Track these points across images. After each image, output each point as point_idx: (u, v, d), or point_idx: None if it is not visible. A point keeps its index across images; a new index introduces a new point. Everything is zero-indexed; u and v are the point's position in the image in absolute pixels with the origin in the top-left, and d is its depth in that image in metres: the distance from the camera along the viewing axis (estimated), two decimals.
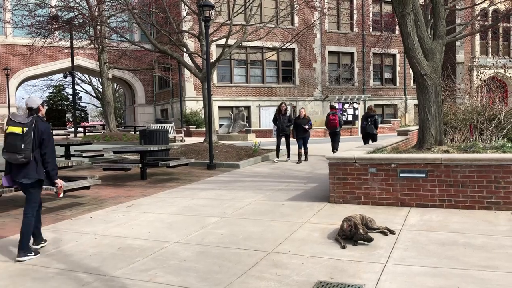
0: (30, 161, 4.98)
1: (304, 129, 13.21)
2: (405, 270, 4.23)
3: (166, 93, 33.88)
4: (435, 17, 8.99)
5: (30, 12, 19.61)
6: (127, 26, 24.92)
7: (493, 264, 4.30)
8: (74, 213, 7.23)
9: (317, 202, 7.29)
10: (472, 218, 5.92)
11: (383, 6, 34.43)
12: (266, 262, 4.61)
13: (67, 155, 12.82)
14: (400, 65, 35.37)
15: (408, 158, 6.80)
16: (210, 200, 7.99)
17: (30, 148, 4.93)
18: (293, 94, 31.34)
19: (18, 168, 5.02)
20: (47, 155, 5.08)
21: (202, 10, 12.97)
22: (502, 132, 9.95)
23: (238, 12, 17.72)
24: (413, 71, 8.51)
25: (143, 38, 28.17)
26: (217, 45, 23.49)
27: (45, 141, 5.05)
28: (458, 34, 18.60)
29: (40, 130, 5.02)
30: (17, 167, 5.03)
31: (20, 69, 31.70)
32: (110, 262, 4.77)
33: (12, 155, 4.92)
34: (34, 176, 5.03)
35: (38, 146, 5.02)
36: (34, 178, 5.03)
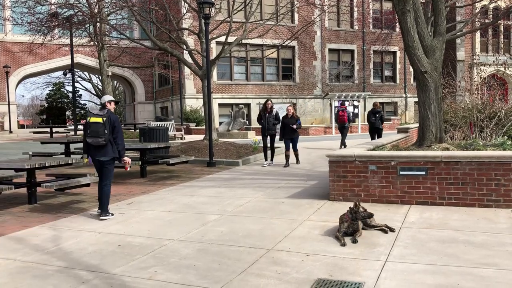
0: (107, 143, 6.56)
1: (292, 129, 11.86)
2: (405, 268, 4.23)
3: (166, 90, 33.85)
4: (435, 14, 8.97)
5: (30, 10, 19.55)
6: (127, 24, 24.88)
7: (493, 261, 4.30)
8: (74, 211, 7.23)
9: (317, 199, 7.29)
10: (472, 216, 5.92)
11: (384, 3, 34.37)
12: (265, 260, 4.60)
13: (67, 152, 12.80)
14: (400, 62, 35.33)
15: (408, 156, 6.80)
16: (210, 197, 7.98)
17: (108, 133, 6.51)
18: (293, 92, 31.32)
19: (98, 149, 6.59)
20: (118, 138, 6.69)
21: (202, 8, 12.94)
22: (502, 129, 9.94)
23: (238, 10, 17.68)
24: (413, 69, 8.50)
25: (143, 35, 28.12)
26: (217, 42, 23.47)
27: (116, 128, 6.66)
28: (458, 32, 18.55)
29: (112, 120, 6.60)
30: (97, 148, 6.60)
31: (19, 66, 31.66)
32: (109, 260, 4.77)
33: (95, 139, 6.53)
34: (110, 155, 6.65)
35: (111, 132, 6.57)
36: (110, 156, 6.65)
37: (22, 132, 33.10)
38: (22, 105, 74.12)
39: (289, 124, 11.90)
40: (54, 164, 7.95)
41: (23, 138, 26.05)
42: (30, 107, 78.21)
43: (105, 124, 6.51)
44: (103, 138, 6.50)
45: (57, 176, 8.47)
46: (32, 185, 7.76)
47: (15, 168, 7.77)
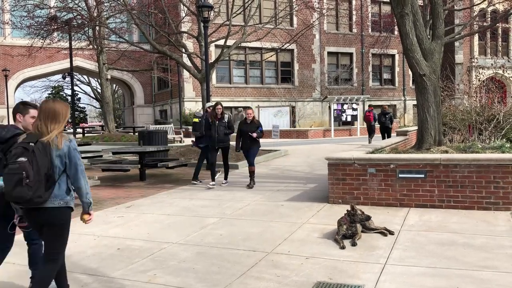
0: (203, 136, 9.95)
1: (251, 138, 9.34)
2: (404, 271, 4.23)
3: (165, 94, 33.86)
4: (434, 17, 9.00)
5: (29, 13, 19.58)
6: (126, 27, 24.92)
7: (492, 264, 4.30)
8: (73, 214, 7.21)
9: (316, 202, 7.29)
10: (471, 219, 5.92)
11: (382, 6, 34.45)
12: (265, 263, 4.60)
13: None
14: (399, 65, 35.39)
15: (407, 159, 6.80)
16: (209, 200, 7.98)
17: (203, 129, 9.84)
18: (292, 95, 31.35)
19: (199, 139, 10.35)
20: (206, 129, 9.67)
21: (201, 11, 12.97)
22: (501, 132, 9.95)
23: (237, 13, 17.73)
24: (412, 72, 8.52)
25: (142, 39, 28.15)
26: (216, 45, 23.48)
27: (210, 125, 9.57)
28: (457, 35, 18.62)
29: (206, 119, 9.69)
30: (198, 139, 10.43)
31: (18, 70, 31.67)
32: (109, 263, 4.76)
33: (197, 132, 10.46)
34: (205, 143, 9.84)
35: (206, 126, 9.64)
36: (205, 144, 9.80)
37: None
38: None
39: (247, 131, 9.35)
40: None
41: None
42: None
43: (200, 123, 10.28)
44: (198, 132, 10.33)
45: None
46: None
47: None
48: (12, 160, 3.21)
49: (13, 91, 32.53)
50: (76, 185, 3.45)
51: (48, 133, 3.31)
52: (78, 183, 3.44)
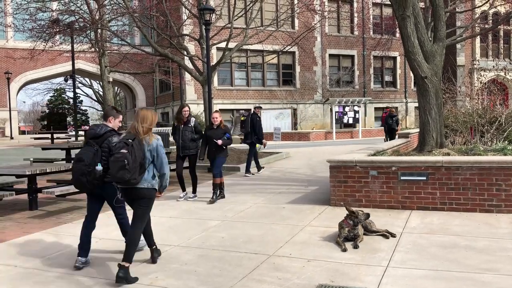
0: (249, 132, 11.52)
1: (217, 146, 8.13)
2: (406, 273, 4.23)
3: (166, 96, 33.90)
4: (435, 20, 9.00)
5: (31, 16, 19.62)
6: (128, 30, 24.96)
7: (495, 267, 4.29)
8: (75, 217, 7.23)
9: (318, 205, 7.29)
10: (473, 221, 5.91)
11: (384, 9, 34.47)
12: (267, 266, 4.60)
13: (68, 158, 12.80)
14: (400, 68, 35.38)
15: (409, 161, 6.80)
16: (211, 203, 7.97)
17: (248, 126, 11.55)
18: (294, 97, 31.36)
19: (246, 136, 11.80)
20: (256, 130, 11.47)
21: (202, 14, 13.00)
22: (503, 134, 9.93)
23: (239, 16, 17.74)
24: (413, 74, 8.52)
25: (143, 41, 28.18)
26: (217, 48, 23.52)
27: (256, 124, 11.50)
28: (458, 37, 18.61)
29: (252, 118, 11.60)
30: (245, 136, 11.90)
31: (21, 72, 31.75)
32: (111, 266, 4.76)
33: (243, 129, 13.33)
34: (252, 139, 11.52)
35: (251, 126, 11.48)
36: (252, 140, 11.52)
37: (23, 138, 33.16)
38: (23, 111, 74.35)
39: (212, 138, 8.17)
40: (55, 170, 7.96)
41: (24, 144, 26.09)
42: (31, 113, 78.40)
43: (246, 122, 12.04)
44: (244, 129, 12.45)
45: (58, 182, 8.48)
46: (33, 191, 7.77)
47: (16, 174, 7.78)
48: (116, 151, 4.37)
49: (15, 94, 32.61)
50: (161, 172, 4.60)
51: (142, 133, 4.47)
52: (163, 171, 4.60)
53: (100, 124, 4.93)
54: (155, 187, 4.59)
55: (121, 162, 4.26)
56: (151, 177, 4.53)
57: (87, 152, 4.71)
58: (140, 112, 4.60)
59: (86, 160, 4.61)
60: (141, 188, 4.46)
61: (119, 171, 4.27)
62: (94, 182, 4.66)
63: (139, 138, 4.44)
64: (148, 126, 4.51)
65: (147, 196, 4.52)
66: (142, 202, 4.52)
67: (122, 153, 4.30)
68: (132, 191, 4.49)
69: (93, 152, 4.67)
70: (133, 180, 4.34)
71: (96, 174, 4.63)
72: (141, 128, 4.48)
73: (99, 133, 4.80)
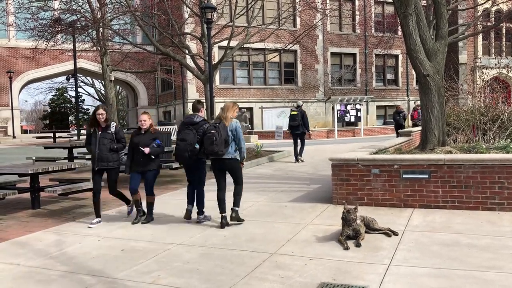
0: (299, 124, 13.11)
1: (145, 156, 6.64)
2: (408, 271, 4.22)
3: (168, 95, 33.92)
4: (437, 17, 8.97)
5: (33, 15, 19.64)
6: (130, 29, 24.95)
7: (497, 264, 4.29)
8: (77, 216, 7.24)
9: (320, 203, 7.28)
10: (475, 219, 5.90)
11: (385, 7, 34.39)
12: (269, 264, 4.60)
13: (70, 157, 12.84)
14: (402, 66, 35.31)
15: (411, 159, 6.79)
16: (213, 201, 7.96)
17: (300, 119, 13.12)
18: (296, 96, 31.31)
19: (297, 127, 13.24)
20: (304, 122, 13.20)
21: (204, 12, 13.00)
22: (506, 132, 9.91)
23: (240, 14, 17.73)
24: (415, 72, 8.50)
25: (145, 40, 28.20)
26: (219, 47, 23.50)
27: (304, 117, 13.25)
28: (460, 35, 18.57)
29: (301, 113, 13.19)
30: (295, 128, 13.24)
31: (23, 72, 31.80)
32: (113, 264, 4.77)
33: (294, 122, 13.15)
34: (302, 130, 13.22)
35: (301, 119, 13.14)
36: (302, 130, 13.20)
37: (25, 137, 33.21)
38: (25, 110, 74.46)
39: (139, 145, 6.65)
40: (58, 169, 7.97)
41: (26, 143, 26.14)
42: (33, 112, 78.51)
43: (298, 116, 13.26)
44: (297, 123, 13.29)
45: (61, 181, 8.50)
46: (36, 190, 7.79)
47: (18, 173, 7.81)
48: (208, 132, 6.06)
49: (18, 93, 32.67)
50: (239, 146, 6.22)
51: (225, 118, 6.17)
52: (240, 145, 6.23)
53: (195, 115, 6.56)
54: (237, 158, 6.21)
55: (211, 139, 5.97)
56: (233, 150, 6.16)
57: (189, 134, 6.37)
58: (225, 104, 6.39)
59: (188, 140, 6.34)
60: (226, 158, 6.13)
61: (210, 145, 5.98)
62: (192, 157, 6.35)
63: (223, 122, 6.13)
64: (229, 113, 6.21)
65: (231, 164, 6.19)
66: (231, 171, 6.28)
67: (212, 133, 6.00)
68: (220, 161, 6.18)
69: (193, 134, 6.35)
70: (220, 152, 6.00)
71: (194, 151, 6.33)
72: (225, 115, 6.20)
73: (195, 121, 6.48)
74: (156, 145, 6.74)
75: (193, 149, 6.31)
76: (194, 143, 6.32)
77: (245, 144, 6.28)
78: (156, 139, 6.80)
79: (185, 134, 6.39)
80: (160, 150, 6.89)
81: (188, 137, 6.33)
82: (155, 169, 6.79)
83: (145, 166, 6.65)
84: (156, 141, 6.80)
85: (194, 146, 6.32)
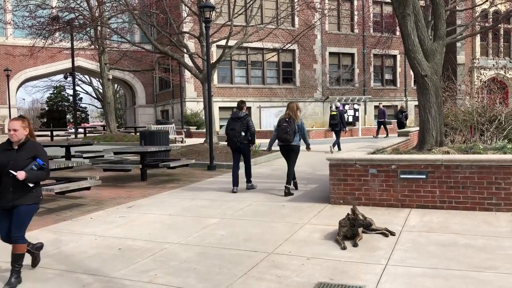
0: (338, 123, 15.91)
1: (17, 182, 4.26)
2: (405, 271, 4.23)
3: (166, 94, 33.88)
4: (435, 18, 8.98)
5: (31, 13, 19.61)
6: (128, 27, 24.94)
7: (494, 265, 4.30)
8: (75, 214, 7.23)
9: (318, 203, 7.29)
10: (472, 220, 5.91)
11: (384, 7, 34.42)
12: (266, 263, 4.60)
13: (67, 156, 12.80)
14: (400, 66, 35.35)
15: (409, 159, 6.80)
16: (211, 201, 7.98)
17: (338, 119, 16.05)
18: (294, 95, 31.32)
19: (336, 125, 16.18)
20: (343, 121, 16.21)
21: (202, 11, 12.98)
22: (503, 133, 9.94)
23: (239, 13, 17.72)
24: (413, 72, 8.51)
25: (143, 39, 28.15)
26: (217, 46, 23.46)
27: (342, 117, 16.34)
28: (458, 35, 18.60)
29: (340, 113, 16.28)
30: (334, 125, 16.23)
31: (20, 70, 31.71)
32: (110, 263, 4.77)
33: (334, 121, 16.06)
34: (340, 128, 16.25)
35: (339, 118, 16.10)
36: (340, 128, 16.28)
37: None
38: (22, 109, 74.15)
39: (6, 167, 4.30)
40: (55, 167, 7.96)
41: None
42: (30, 111, 78.29)
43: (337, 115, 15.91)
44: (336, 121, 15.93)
45: (58, 179, 8.47)
46: None
47: None
48: (281, 124, 8.23)
49: (15, 91, 32.58)
50: (303, 137, 8.53)
51: (295, 116, 8.31)
52: (304, 137, 8.54)
53: (239, 111, 8.98)
54: (299, 145, 8.50)
55: (285, 130, 8.21)
56: (298, 140, 8.39)
57: (236, 125, 8.84)
58: (290, 105, 8.51)
59: (236, 129, 8.80)
60: (293, 144, 8.33)
61: (284, 134, 8.23)
62: (240, 141, 8.83)
63: (293, 118, 8.30)
64: (294, 112, 8.37)
65: (296, 149, 8.45)
66: (293, 153, 8.44)
67: (285, 125, 8.23)
68: (288, 146, 8.38)
69: (239, 125, 8.79)
70: (290, 139, 8.24)
71: (241, 137, 8.78)
72: (292, 112, 8.37)
73: (240, 116, 8.90)
74: (37, 166, 4.37)
75: (240, 135, 8.79)
76: (241, 131, 8.77)
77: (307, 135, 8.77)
78: (36, 158, 4.41)
79: (233, 125, 8.88)
80: (42, 175, 4.46)
81: (236, 127, 8.82)
82: (33, 203, 4.43)
83: (18, 199, 4.31)
84: (37, 161, 4.39)
85: (240, 133, 8.78)
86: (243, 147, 8.94)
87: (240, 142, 8.80)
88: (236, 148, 9.04)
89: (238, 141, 8.79)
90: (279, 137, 8.34)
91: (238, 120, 8.84)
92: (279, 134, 8.28)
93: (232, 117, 9.03)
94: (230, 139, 8.92)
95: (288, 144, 8.27)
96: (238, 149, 9.05)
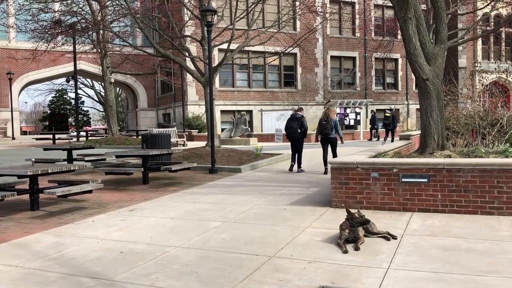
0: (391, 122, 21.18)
1: None
2: (407, 275, 4.22)
3: (168, 97, 33.94)
4: (437, 22, 9.00)
5: (33, 17, 19.67)
6: (130, 31, 25.01)
7: (496, 269, 4.29)
8: (76, 217, 7.24)
9: (319, 206, 7.29)
10: (474, 223, 5.90)
11: (385, 11, 34.48)
12: (268, 267, 4.60)
13: (69, 159, 12.83)
14: (402, 69, 35.38)
15: (410, 163, 6.80)
16: (212, 204, 7.98)
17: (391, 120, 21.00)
18: (295, 99, 31.37)
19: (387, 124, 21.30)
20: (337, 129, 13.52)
21: (204, 15, 13.01)
22: (505, 137, 9.92)
23: (240, 17, 17.76)
24: (415, 76, 8.52)
25: (145, 42, 28.26)
26: (219, 49, 23.55)
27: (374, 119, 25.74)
28: (460, 39, 18.60)
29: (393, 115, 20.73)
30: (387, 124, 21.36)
31: (23, 73, 31.81)
32: (112, 266, 4.77)
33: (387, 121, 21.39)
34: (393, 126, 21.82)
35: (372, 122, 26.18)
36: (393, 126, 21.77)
37: (25, 139, 33.22)
38: (25, 112, 74.47)
39: None
40: (57, 170, 7.97)
41: (25, 144, 26.13)
42: (33, 114, 78.52)
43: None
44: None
45: (60, 182, 8.49)
46: (35, 191, 7.78)
47: (17, 174, 7.79)
48: (322, 123, 11.58)
49: (17, 94, 32.67)
50: (337, 131, 11.64)
51: (329, 116, 11.50)
52: (338, 131, 11.69)
53: (296, 113, 12.22)
54: (336, 136, 11.49)
55: (325, 126, 11.28)
56: (334, 133, 11.33)
57: (294, 123, 11.88)
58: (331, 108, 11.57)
59: (294, 127, 11.84)
60: (331, 136, 11.40)
61: (324, 129, 11.33)
62: (296, 136, 11.89)
63: (330, 117, 11.29)
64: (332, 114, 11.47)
65: (334, 140, 11.49)
66: (332, 143, 11.54)
67: (324, 124, 11.28)
68: (327, 138, 11.46)
69: (296, 124, 11.81)
70: (329, 133, 11.30)
71: (297, 133, 11.85)
72: (330, 114, 11.34)
73: (297, 116, 11.96)
74: None
75: (296, 131, 11.92)
76: (297, 129, 11.88)
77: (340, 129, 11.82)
78: None
79: (292, 124, 11.97)
80: None
81: (294, 125, 11.91)
82: None
83: None
84: None
85: (297, 130, 11.90)
86: (298, 141, 12.00)
87: (296, 137, 11.92)
88: (294, 142, 12.06)
89: (295, 136, 11.89)
90: (321, 132, 11.42)
91: (296, 120, 11.89)
92: (321, 130, 11.42)
93: (291, 117, 12.19)
94: (290, 135, 12.09)
95: (327, 137, 11.45)
96: (295, 142, 12.04)
